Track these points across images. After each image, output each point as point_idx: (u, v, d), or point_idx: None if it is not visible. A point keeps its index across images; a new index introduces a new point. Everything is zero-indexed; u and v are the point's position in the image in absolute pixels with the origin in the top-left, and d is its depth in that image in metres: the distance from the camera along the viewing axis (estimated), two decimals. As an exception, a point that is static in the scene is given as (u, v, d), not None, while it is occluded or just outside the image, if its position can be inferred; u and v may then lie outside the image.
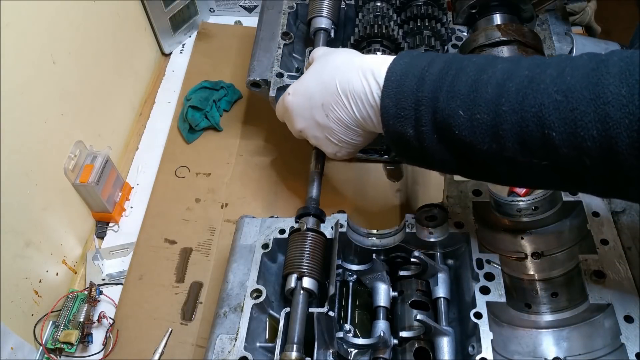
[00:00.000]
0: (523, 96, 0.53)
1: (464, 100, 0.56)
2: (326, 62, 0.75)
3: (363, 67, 0.67)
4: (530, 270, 0.80)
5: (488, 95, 0.55)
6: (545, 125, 0.51)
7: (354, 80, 0.67)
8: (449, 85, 0.58)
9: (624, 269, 0.72)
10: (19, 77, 0.80)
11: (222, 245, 0.98)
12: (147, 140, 1.16)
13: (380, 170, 1.07)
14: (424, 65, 0.61)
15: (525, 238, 0.83)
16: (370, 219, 1.00)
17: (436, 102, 0.58)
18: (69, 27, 0.93)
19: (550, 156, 0.53)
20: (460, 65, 0.59)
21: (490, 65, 0.58)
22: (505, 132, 0.54)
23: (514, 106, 0.53)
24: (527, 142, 0.53)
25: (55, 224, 0.92)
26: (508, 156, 0.55)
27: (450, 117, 0.57)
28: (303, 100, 0.76)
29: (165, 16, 1.24)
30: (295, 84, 0.79)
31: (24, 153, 0.83)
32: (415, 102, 0.60)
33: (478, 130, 0.56)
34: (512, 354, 0.71)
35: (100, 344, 0.88)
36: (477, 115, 0.55)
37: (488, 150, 0.56)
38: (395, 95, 0.62)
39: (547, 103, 0.51)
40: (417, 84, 0.60)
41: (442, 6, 1.00)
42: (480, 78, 0.57)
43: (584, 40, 0.90)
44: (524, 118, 0.53)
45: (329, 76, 0.72)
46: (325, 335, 0.68)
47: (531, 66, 0.55)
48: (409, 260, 0.75)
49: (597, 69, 0.50)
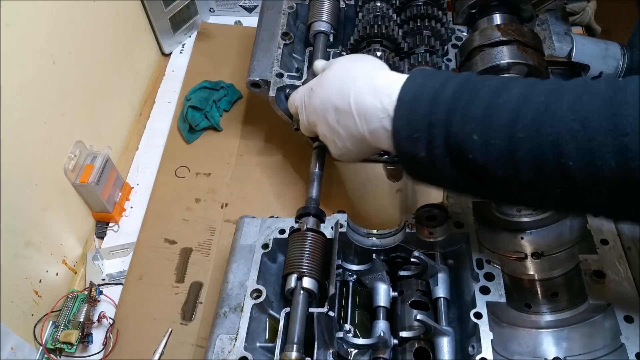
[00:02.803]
0: (539, 123, 0.52)
1: (478, 125, 0.56)
2: (350, 67, 0.74)
3: (379, 85, 0.66)
4: (530, 270, 0.80)
5: (503, 120, 0.54)
6: (562, 154, 0.51)
7: (367, 95, 0.66)
8: (463, 108, 0.57)
9: (624, 269, 0.72)
10: (19, 77, 0.80)
11: (222, 245, 0.98)
12: (147, 140, 1.16)
13: (380, 170, 1.07)
14: (437, 87, 0.60)
15: (525, 238, 0.83)
16: (370, 219, 1.00)
17: (449, 125, 0.57)
18: (69, 27, 0.93)
19: (565, 184, 0.52)
20: (474, 88, 0.58)
21: (505, 88, 0.57)
22: (521, 158, 0.53)
23: (530, 133, 0.52)
24: (542, 169, 0.52)
25: (55, 224, 0.92)
26: (524, 181, 0.54)
27: (464, 141, 0.56)
28: (321, 96, 0.75)
29: (165, 16, 1.24)
30: (318, 79, 0.78)
31: (24, 153, 0.83)
32: (428, 125, 0.59)
33: (492, 155, 0.55)
34: (512, 354, 0.71)
35: (100, 344, 0.88)
36: (492, 140, 0.55)
37: (502, 175, 0.55)
38: (407, 117, 0.61)
39: (563, 132, 0.50)
40: (430, 105, 0.59)
41: (442, 6, 1.00)
42: (495, 102, 0.56)
43: (584, 40, 0.90)
44: (540, 146, 0.52)
45: (346, 83, 0.71)
46: (325, 335, 0.68)
47: (547, 92, 0.54)
48: (409, 260, 0.75)
49: (615, 98, 0.50)
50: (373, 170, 1.07)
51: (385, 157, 1.06)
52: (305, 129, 0.82)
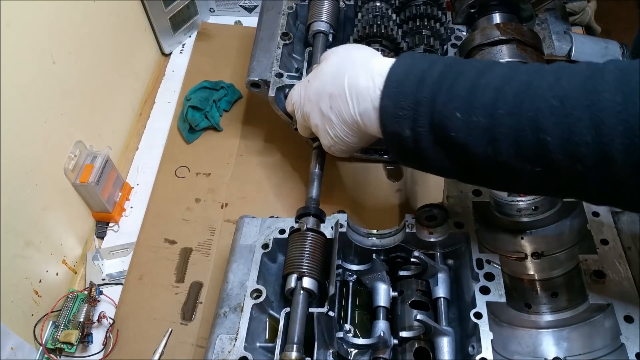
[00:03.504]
0: (520, 101, 0.54)
1: (461, 103, 0.57)
2: (347, 56, 0.75)
3: (374, 67, 0.67)
4: (530, 270, 0.80)
5: (485, 98, 0.56)
6: (540, 129, 0.52)
7: (360, 77, 0.68)
8: (448, 87, 0.59)
9: (624, 269, 0.72)
10: (19, 77, 0.80)
11: (222, 245, 0.98)
12: (147, 140, 1.16)
13: (380, 170, 1.07)
14: (425, 67, 0.62)
15: (525, 238, 0.83)
16: (370, 219, 1.00)
17: (434, 103, 0.59)
18: (69, 27, 0.93)
19: (544, 162, 0.53)
20: (460, 69, 0.60)
21: (490, 70, 0.58)
22: (501, 135, 0.54)
23: (511, 110, 0.54)
24: (522, 146, 0.54)
25: (55, 224, 0.92)
26: (502, 160, 0.56)
27: (447, 119, 0.58)
28: (317, 85, 0.76)
29: (165, 16, 1.24)
30: (315, 70, 0.79)
31: (24, 153, 0.83)
32: (414, 103, 0.60)
33: (474, 133, 0.56)
34: (512, 354, 0.71)
35: (100, 344, 0.88)
36: (474, 117, 0.56)
37: (483, 153, 0.57)
38: (394, 96, 0.62)
39: (543, 108, 0.52)
40: (417, 85, 0.61)
41: (442, 6, 1.00)
42: (479, 82, 0.57)
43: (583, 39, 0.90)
44: (520, 122, 0.53)
45: (342, 69, 0.72)
46: (325, 335, 0.68)
47: (529, 72, 0.56)
48: (409, 260, 0.75)
49: (593, 77, 0.51)
50: (373, 170, 1.07)
51: (385, 157, 1.06)
52: (302, 126, 0.83)
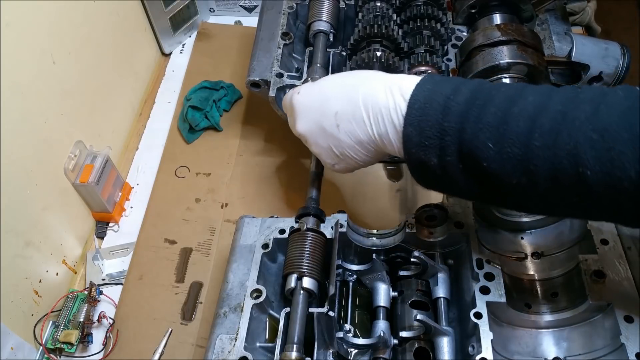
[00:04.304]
0: (557, 132, 0.51)
1: (493, 133, 0.55)
2: (356, 73, 0.72)
3: (390, 83, 0.64)
4: (530, 270, 0.80)
5: (519, 129, 0.53)
6: (579, 163, 0.50)
7: (379, 94, 0.64)
8: (477, 116, 0.56)
9: (624, 269, 0.72)
10: (19, 77, 0.80)
11: (222, 245, 0.98)
12: (147, 140, 1.16)
13: (380, 170, 1.07)
14: (449, 94, 0.59)
15: (525, 238, 0.83)
16: (370, 219, 1.00)
17: (463, 133, 0.56)
18: (69, 27, 0.93)
19: (582, 193, 0.51)
20: (487, 95, 0.57)
21: (521, 96, 0.56)
22: (537, 167, 0.52)
23: (547, 142, 0.52)
24: (559, 178, 0.52)
25: (55, 224, 0.92)
26: (538, 191, 0.54)
27: (478, 149, 0.55)
28: (314, 103, 0.72)
29: (165, 16, 1.24)
30: (309, 86, 0.75)
31: (24, 153, 0.83)
32: (440, 132, 0.58)
33: (508, 164, 0.54)
34: (512, 354, 0.71)
35: (100, 344, 0.88)
36: (507, 148, 0.54)
37: (517, 183, 0.54)
38: (418, 124, 0.59)
39: (582, 141, 0.50)
40: (442, 113, 0.58)
41: (442, 6, 1.00)
42: (511, 110, 0.55)
43: (584, 40, 0.90)
44: (557, 155, 0.51)
45: (353, 85, 0.68)
46: (325, 335, 0.68)
47: (564, 100, 0.54)
48: (409, 260, 0.75)
49: (633, 107, 0.49)
50: (373, 170, 1.07)
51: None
52: (297, 135, 0.78)
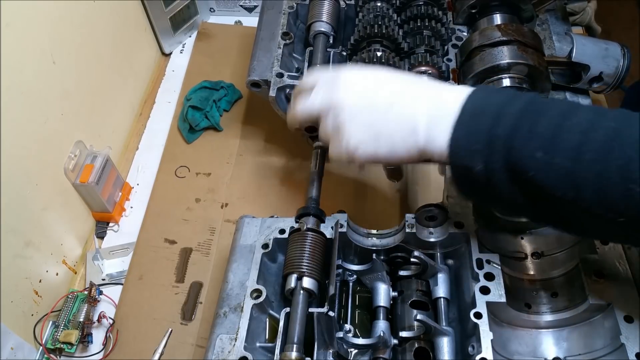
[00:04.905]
0: (609, 148, 0.51)
1: (543, 143, 0.54)
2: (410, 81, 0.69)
3: (447, 86, 0.64)
4: (530, 270, 0.80)
5: (571, 142, 0.53)
6: (629, 179, 0.49)
7: (442, 91, 0.63)
8: (529, 126, 0.56)
9: (624, 269, 0.72)
10: (19, 77, 0.80)
11: (222, 245, 0.98)
12: (147, 140, 1.16)
13: (380, 170, 1.07)
14: (503, 101, 0.59)
15: (525, 238, 0.83)
16: (370, 219, 1.00)
17: (512, 140, 0.56)
18: (69, 27, 0.93)
19: (629, 212, 0.50)
20: (541, 108, 0.57)
21: (574, 112, 0.56)
22: (586, 180, 0.52)
23: (598, 156, 0.51)
24: (606, 194, 0.51)
25: (55, 224, 0.92)
26: (584, 207, 0.53)
27: (526, 158, 0.55)
28: (368, 76, 0.68)
29: (165, 16, 1.24)
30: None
31: (24, 153, 0.83)
32: (490, 138, 0.57)
33: (554, 175, 0.53)
34: (512, 354, 0.71)
35: (100, 344, 0.88)
36: (556, 159, 0.53)
37: (562, 197, 0.54)
38: (468, 129, 0.59)
39: (634, 157, 0.49)
40: (494, 119, 0.58)
41: (442, 6, 0.99)
42: (564, 123, 0.55)
43: (584, 40, 0.90)
44: (607, 170, 0.50)
45: (410, 78, 0.68)
46: (325, 335, 0.68)
47: (617, 118, 0.53)
48: (409, 260, 0.75)
49: None
50: (373, 170, 1.07)
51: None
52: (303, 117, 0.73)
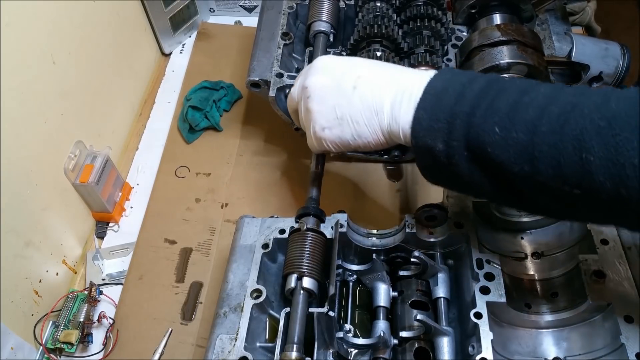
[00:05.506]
0: (565, 119, 0.52)
1: (502, 118, 0.55)
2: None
3: (418, 72, 0.65)
4: (530, 270, 0.80)
5: (528, 116, 0.54)
6: (584, 148, 0.49)
7: (408, 75, 0.65)
8: (489, 102, 0.57)
9: (624, 269, 0.72)
10: (19, 77, 0.80)
11: (222, 245, 0.98)
12: (147, 140, 1.16)
13: (380, 170, 1.07)
14: (465, 82, 0.60)
15: (525, 238, 0.83)
16: (370, 219, 1.00)
17: (472, 117, 0.57)
18: (69, 27, 0.93)
19: (584, 184, 0.51)
20: (502, 86, 0.58)
21: (533, 89, 0.57)
22: (541, 153, 0.52)
23: (554, 128, 0.52)
24: (562, 165, 0.51)
25: (55, 224, 0.92)
26: (540, 180, 0.53)
27: (485, 133, 0.56)
28: (340, 62, 0.71)
29: (165, 16, 1.24)
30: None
31: (24, 153, 0.83)
32: (451, 116, 0.58)
33: (512, 150, 0.54)
34: (512, 354, 0.71)
35: (100, 344, 0.88)
36: (513, 134, 0.54)
37: (520, 172, 0.54)
38: (431, 108, 0.60)
39: (589, 127, 0.50)
40: (455, 98, 0.59)
41: (442, 6, 1.00)
42: (522, 99, 0.56)
43: (584, 40, 0.90)
44: (563, 140, 0.51)
45: (383, 64, 0.70)
46: (325, 335, 0.68)
47: (575, 94, 0.54)
48: (409, 260, 0.75)
49: None
50: (373, 170, 1.07)
51: (385, 157, 1.06)
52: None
